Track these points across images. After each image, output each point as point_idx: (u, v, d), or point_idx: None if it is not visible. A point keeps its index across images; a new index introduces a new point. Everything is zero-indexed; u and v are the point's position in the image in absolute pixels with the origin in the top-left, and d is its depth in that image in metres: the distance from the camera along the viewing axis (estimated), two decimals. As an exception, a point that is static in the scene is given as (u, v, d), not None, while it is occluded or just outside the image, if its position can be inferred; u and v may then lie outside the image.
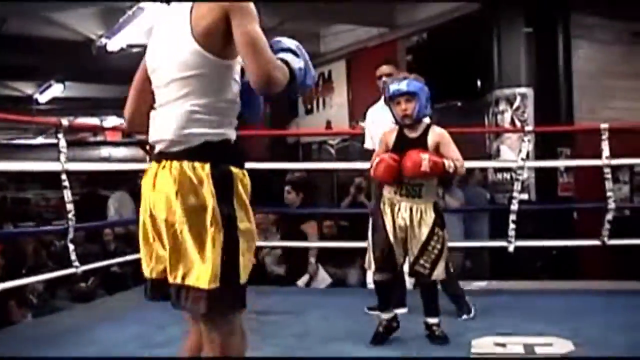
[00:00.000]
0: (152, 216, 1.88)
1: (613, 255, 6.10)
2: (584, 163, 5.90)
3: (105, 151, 14.94)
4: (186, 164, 1.81)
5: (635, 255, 6.20)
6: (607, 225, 5.21)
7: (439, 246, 3.55)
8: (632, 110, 7.66)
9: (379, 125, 4.11)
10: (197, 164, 1.81)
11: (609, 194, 5.21)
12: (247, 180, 1.89)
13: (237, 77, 1.90)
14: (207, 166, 1.81)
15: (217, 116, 1.85)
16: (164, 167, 1.85)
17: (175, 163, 1.82)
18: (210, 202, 1.78)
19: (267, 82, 1.76)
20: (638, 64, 7.87)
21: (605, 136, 5.17)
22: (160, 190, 1.84)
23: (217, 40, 1.81)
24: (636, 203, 7.95)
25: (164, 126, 1.87)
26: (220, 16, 1.79)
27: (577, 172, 6.66)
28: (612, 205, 5.21)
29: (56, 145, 4.36)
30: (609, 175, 5.22)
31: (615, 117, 6.97)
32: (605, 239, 5.22)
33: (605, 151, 5.18)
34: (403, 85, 3.53)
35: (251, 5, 1.82)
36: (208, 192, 1.79)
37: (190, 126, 1.83)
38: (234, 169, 1.85)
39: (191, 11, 1.83)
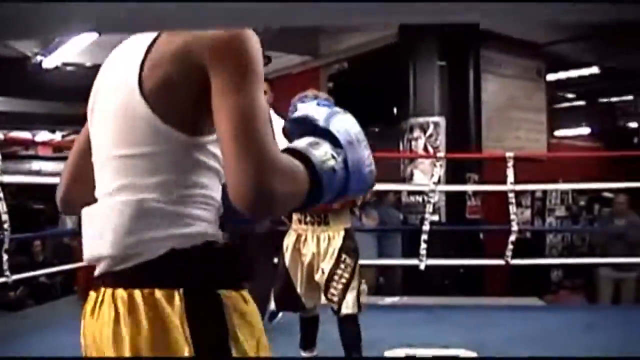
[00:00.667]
0: None
1: (515, 273, 6.48)
2: (491, 188, 6.24)
3: (36, 165, 14.68)
4: (138, 294, 1.08)
5: (534, 273, 6.70)
6: (510, 246, 5.53)
7: (346, 275, 3.13)
8: (534, 141, 8.14)
9: None
10: (158, 293, 1.07)
11: (512, 217, 5.54)
12: (251, 308, 1.15)
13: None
14: (177, 295, 1.07)
15: (186, 207, 1.11)
16: (101, 301, 1.12)
17: (121, 292, 1.09)
18: None
19: (254, 198, 0.98)
20: (540, 98, 8.39)
21: (510, 164, 5.50)
22: (99, 345, 1.12)
23: (184, 107, 1.09)
24: (536, 226, 8.42)
25: (99, 233, 1.13)
26: (195, 65, 1.06)
27: (484, 196, 6.96)
28: (515, 227, 5.52)
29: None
30: (513, 200, 5.57)
31: (519, 146, 7.43)
32: (509, 258, 5.52)
33: (510, 177, 5.51)
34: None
35: (253, 50, 1.06)
36: (181, 342, 1.06)
37: (143, 228, 1.09)
38: (224, 293, 1.11)
39: (149, 48, 1.11)
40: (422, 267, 5.51)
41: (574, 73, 9.58)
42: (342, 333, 3.20)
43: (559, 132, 10.52)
